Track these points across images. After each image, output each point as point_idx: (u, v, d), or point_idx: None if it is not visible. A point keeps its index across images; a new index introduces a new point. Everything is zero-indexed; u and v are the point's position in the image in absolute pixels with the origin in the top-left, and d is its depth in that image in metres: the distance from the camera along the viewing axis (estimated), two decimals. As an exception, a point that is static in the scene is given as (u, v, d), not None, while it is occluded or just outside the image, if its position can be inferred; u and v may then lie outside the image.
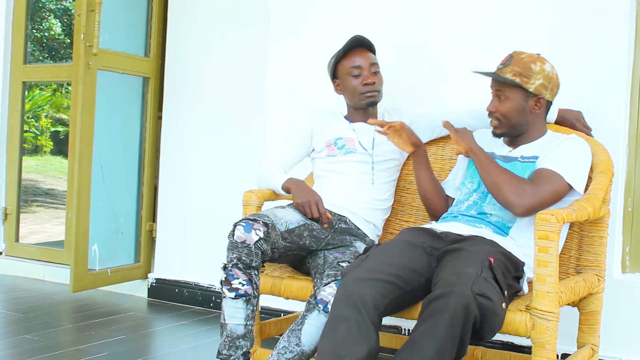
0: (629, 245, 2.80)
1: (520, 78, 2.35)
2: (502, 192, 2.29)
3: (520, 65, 2.36)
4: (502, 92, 2.39)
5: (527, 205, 2.25)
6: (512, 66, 2.36)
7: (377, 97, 2.77)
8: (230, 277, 2.33)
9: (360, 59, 2.75)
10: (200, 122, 3.93)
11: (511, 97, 2.38)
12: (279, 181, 2.65)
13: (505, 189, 2.28)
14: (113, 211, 4.03)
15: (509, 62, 2.38)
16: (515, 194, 2.26)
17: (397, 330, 3.15)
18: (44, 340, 3.15)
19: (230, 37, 3.83)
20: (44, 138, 12.85)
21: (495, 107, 2.41)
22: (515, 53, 2.40)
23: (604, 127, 2.69)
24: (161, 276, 4.05)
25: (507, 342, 2.90)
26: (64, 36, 11.19)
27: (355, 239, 2.63)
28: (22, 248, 4.69)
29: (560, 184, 2.29)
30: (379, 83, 2.76)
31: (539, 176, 2.31)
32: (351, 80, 2.75)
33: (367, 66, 2.75)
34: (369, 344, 2.01)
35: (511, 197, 2.27)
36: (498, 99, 2.41)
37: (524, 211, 2.27)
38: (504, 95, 2.39)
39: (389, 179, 2.79)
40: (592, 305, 2.43)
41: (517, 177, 2.32)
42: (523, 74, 2.35)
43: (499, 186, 2.30)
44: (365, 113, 2.81)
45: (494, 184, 2.31)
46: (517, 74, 2.35)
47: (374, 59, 2.78)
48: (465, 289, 1.93)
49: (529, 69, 2.35)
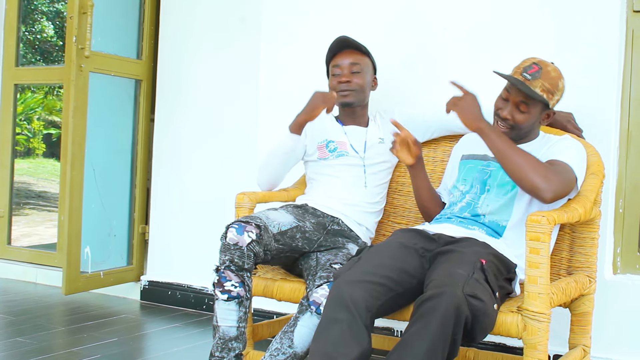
0: (620, 246, 2.82)
1: (547, 94, 2.29)
2: (528, 175, 2.18)
3: (549, 80, 2.29)
4: (526, 104, 2.31)
5: (555, 191, 2.18)
6: (541, 80, 2.28)
7: (351, 96, 2.73)
8: (223, 279, 2.33)
9: (342, 59, 2.74)
10: (193, 125, 3.93)
11: (532, 111, 2.33)
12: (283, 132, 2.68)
13: (530, 171, 2.18)
14: (105, 214, 4.03)
15: (539, 75, 2.28)
16: (543, 177, 2.18)
17: (389, 332, 3.15)
18: (37, 343, 3.14)
19: (223, 39, 3.84)
20: (36, 140, 12.82)
21: (511, 116, 2.34)
22: (542, 63, 2.31)
23: (595, 128, 2.70)
24: (154, 279, 4.04)
25: (499, 343, 2.91)
26: (56, 38, 11.17)
27: (347, 241, 2.64)
28: (14, 251, 4.67)
29: (573, 176, 2.27)
30: (357, 83, 2.72)
31: (556, 165, 2.26)
32: (331, 80, 2.77)
33: (346, 65, 2.73)
34: (361, 346, 2.01)
35: (539, 181, 2.17)
36: (516, 109, 2.33)
37: (553, 197, 2.19)
38: (526, 107, 2.32)
39: (381, 182, 2.79)
40: (583, 306, 2.44)
41: (537, 159, 2.23)
42: (551, 90, 2.29)
43: (523, 169, 2.19)
44: (353, 114, 2.80)
45: (516, 166, 2.20)
46: (545, 90, 2.29)
47: (358, 59, 2.74)
48: (457, 290, 1.93)
49: (556, 86, 2.30)
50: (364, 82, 2.75)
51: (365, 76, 2.75)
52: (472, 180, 2.48)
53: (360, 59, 2.76)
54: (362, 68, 2.75)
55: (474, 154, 2.55)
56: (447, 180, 2.67)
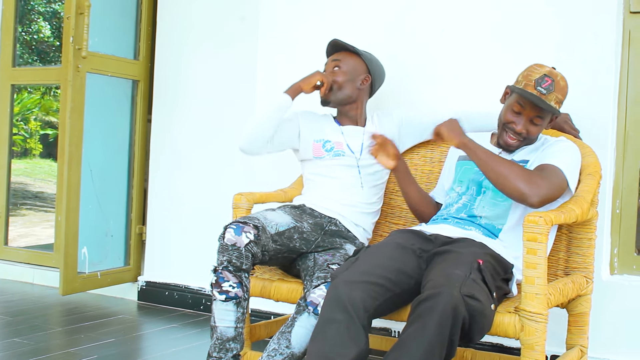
0: (617, 247, 2.82)
1: (559, 105, 2.34)
2: (511, 182, 2.20)
3: (561, 92, 2.32)
4: (540, 117, 2.35)
5: (542, 195, 2.19)
6: (555, 93, 2.30)
7: (327, 95, 2.73)
8: (221, 279, 2.33)
9: (329, 59, 2.79)
10: (190, 125, 3.93)
11: (544, 122, 2.38)
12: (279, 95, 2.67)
13: (513, 178, 2.20)
14: (103, 214, 4.03)
15: (552, 89, 2.30)
16: (527, 183, 2.19)
17: (386, 332, 3.16)
18: (34, 344, 3.14)
19: (221, 39, 3.83)
20: (33, 141, 12.82)
21: (526, 130, 2.36)
22: (552, 74, 2.31)
23: (592, 129, 2.71)
24: (151, 279, 4.04)
25: (497, 343, 2.91)
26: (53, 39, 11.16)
27: (345, 242, 2.64)
28: (11, 251, 4.66)
29: (563, 180, 2.28)
30: (334, 82, 2.73)
31: (544, 170, 2.27)
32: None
33: (329, 63, 2.77)
34: (358, 346, 2.01)
35: (523, 186, 2.19)
36: (531, 122, 2.35)
37: (540, 201, 2.20)
38: (540, 121, 2.35)
39: (378, 182, 2.80)
40: (580, 307, 2.44)
41: (521, 166, 2.26)
42: (562, 100, 2.34)
43: (506, 177, 2.21)
44: (348, 114, 2.80)
45: (499, 175, 2.23)
46: (558, 102, 2.33)
47: (339, 56, 2.77)
48: (454, 291, 1.94)
49: (565, 95, 2.35)
50: (343, 79, 2.74)
51: (346, 73, 2.75)
52: (468, 182, 2.48)
53: (342, 56, 2.77)
54: (341, 64, 2.75)
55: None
56: (443, 181, 2.68)
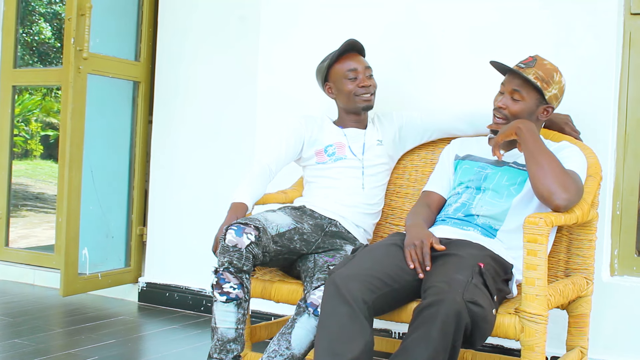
0: (617, 248, 2.82)
1: (541, 83, 2.34)
2: (546, 179, 2.20)
3: (543, 70, 2.34)
4: (519, 92, 2.36)
5: (571, 200, 2.20)
6: (535, 69, 2.34)
7: (372, 101, 2.78)
8: (222, 280, 2.33)
9: (355, 63, 2.77)
10: (191, 126, 3.93)
11: (527, 99, 2.36)
12: (234, 197, 2.59)
13: (550, 176, 2.20)
14: (103, 215, 4.03)
15: (533, 64, 2.35)
16: (561, 185, 2.19)
17: (387, 334, 3.16)
18: (34, 345, 3.14)
19: (222, 41, 3.84)
20: (34, 142, 12.81)
21: (506, 105, 2.38)
22: (538, 57, 2.38)
23: (593, 130, 2.71)
24: (152, 280, 4.04)
25: (497, 345, 2.91)
26: (54, 40, 11.17)
27: (345, 243, 2.64)
28: (12, 252, 4.67)
29: (582, 185, 2.30)
30: (374, 87, 2.78)
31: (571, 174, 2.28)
32: (347, 83, 2.76)
33: (362, 69, 2.76)
34: (364, 337, 2.00)
35: (555, 187, 2.18)
36: (511, 98, 2.37)
37: (567, 205, 2.20)
38: (520, 96, 2.36)
39: (379, 184, 2.80)
40: (580, 308, 2.44)
41: (562, 166, 2.24)
42: (545, 79, 2.34)
43: (545, 171, 2.20)
44: (358, 118, 2.81)
45: (539, 167, 2.22)
46: (539, 78, 2.34)
47: (368, 64, 2.80)
48: (457, 297, 1.93)
49: (551, 76, 2.35)
50: (376, 87, 2.80)
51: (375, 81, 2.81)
52: (467, 181, 2.48)
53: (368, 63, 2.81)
54: (372, 72, 2.81)
55: (471, 155, 2.56)
56: (435, 180, 2.64)
